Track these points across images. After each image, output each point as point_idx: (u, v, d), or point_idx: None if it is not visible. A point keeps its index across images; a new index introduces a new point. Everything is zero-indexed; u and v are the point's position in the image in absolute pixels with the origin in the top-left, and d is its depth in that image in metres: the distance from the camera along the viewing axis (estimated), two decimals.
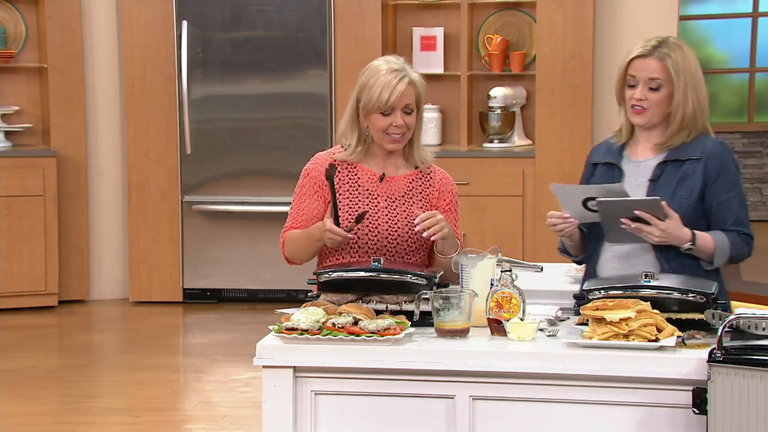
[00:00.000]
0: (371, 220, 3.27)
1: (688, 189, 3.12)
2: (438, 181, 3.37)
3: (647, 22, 6.49)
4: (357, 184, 3.31)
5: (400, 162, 3.36)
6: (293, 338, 2.83)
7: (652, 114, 3.16)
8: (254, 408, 4.68)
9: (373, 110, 3.25)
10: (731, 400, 2.56)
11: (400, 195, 3.32)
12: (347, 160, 3.33)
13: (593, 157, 3.31)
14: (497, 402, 2.78)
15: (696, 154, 3.14)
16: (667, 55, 3.13)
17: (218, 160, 6.67)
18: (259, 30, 6.58)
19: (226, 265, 6.69)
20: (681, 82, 3.13)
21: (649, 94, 3.14)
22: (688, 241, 3.05)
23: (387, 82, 3.23)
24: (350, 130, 3.33)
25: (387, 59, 3.33)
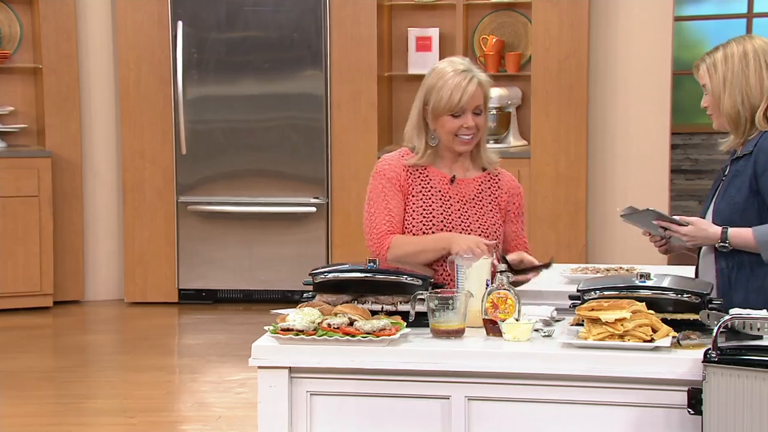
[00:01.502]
0: (445, 222, 3.26)
1: (737, 186, 3.11)
2: (506, 184, 3.35)
3: (642, 23, 6.50)
4: (429, 185, 3.29)
5: (468, 164, 3.34)
6: (289, 339, 2.83)
7: (717, 118, 3.17)
8: (250, 409, 4.68)
9: (443, 112, 3.22)
10: (726, 400, 2.56)
11: (470, 197, 3.30)
12: (418, 164, 3.30)
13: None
14: (493, 402, 2.78)
15: (748, 149, 3.12)
16: (704, 59, 3.17)
17: (213, 160, 6.66)
18: (254, 30, 6.58)
19: (222, 265, 6.69)
20: (717, 83, 3.13)
21: (707, 98, 3.18)
22: (718, 240, 3.06)
23: (457, 84, 3.21)
24: (417, 133, 3.30)
25: (452, 60, 3.30)
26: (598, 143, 6.59)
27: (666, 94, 6.55)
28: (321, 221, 6.61)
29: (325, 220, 6.61)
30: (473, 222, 3.27)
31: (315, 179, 6.59)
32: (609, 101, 6.58)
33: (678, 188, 9.27)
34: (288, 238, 6.63)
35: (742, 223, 3.07)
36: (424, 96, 3.26)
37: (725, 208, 3.10)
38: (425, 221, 3.25)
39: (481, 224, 3.28)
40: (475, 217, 3.28)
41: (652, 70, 6.52)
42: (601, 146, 6.60)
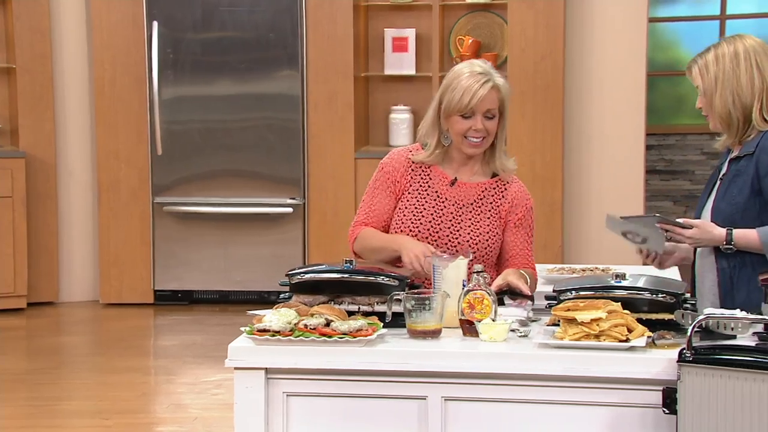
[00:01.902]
0: (434, 223, 3.25)
1: (738, 186, 3.11)
2: (512, 194, 3.31)
3: (617, 24, 6.53)
4: (428, 185, 3.29)
5: (478, 168, 3.31)
6: (265, 340, 2.82)
7: (712, 119, 3.16)
8: (226, 410, 4.67)
9: (453, 112, 3.21)
10: (701, 399, 2.58)
11: (469, 202, 3.28)
12: (425, 162, 3.30)
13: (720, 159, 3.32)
14: (469, 403, 2.79)
15: (750, 149, 3.12)
16: (694, 62, 3.15)
17: (189, 161, 6.64)
18: (230, 31, 6.56)
19: (198, 266, 6.67)
20: (709, 83, 3.12)
21: (702, 99, 3.16)
22: (723, 241, 3.06)
23: (470, 85, 3.19)
24: (431, 131, 3.29)
25: (472, 62, 3.28)
26: (573, 144, 6.62)
27: (641, 95, 6.59)
28: (297, 222, 6.60)
29: (301, 221, 6.60)
30: (465, 227, 3.26)
31: (291, 180, 6.58)
32: (584, 102, 6.60)
33: (653, 188, 9.32)
34: (264, 239, 6.62)
35: (742, 223, 3.07)
36: (440, 95, 3.26)
37: (726, 207, 3.10)
38: (414, 219, 3.25)
39: (473, 230, 3.26)
40: (468, 222, 3.26)
41: (627, 71, 6.55)
42: (577, 147, 6.63)
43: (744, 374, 2.53)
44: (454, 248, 3.23)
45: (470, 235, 3.25)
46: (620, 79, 6.57)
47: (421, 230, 3.24)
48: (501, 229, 3.29)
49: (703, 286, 3.18)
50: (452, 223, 3.25)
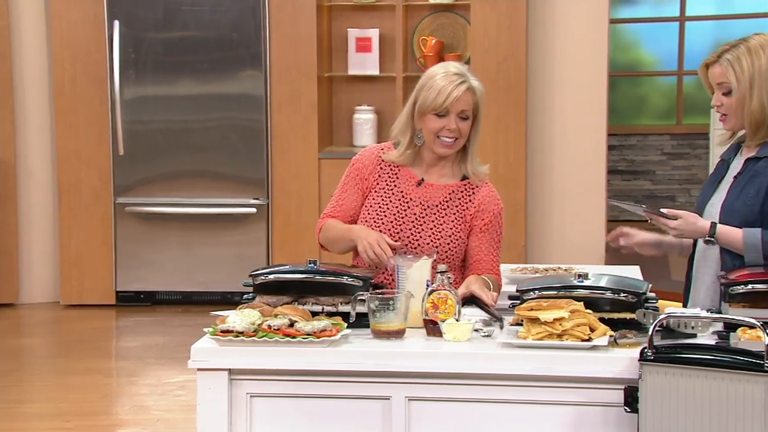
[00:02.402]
0: (396, 223, 3.25)
1: (755, 187, 3.11)
2: (480, 198, 3.31)
3: (578, 26, 6.57)
4: (395, 184, 3.29)
5: (447, 170, 3.32)
6: (228, 340, 2.81)
7: (733, 119, 3.16)
8: (188, 411, 4.65)
9: (428, 111, 3.22)
10: (661, 398, 2.60)
11: (434, 204, 3.28)
12: (395, 161, 3.31)
13: (723, 153, 3.32)
14: (433, 402, 2.79)
15: None
16: (729, 61, 3.13)
17: (152, 161, 6.61)
18: (193, 30, 6.53)
19: (160, 267, 6.63)
20: (745, 84, 3.11)
21: (724, 99, 3.16)
22: (706, 234, 3.07)
23: (445, 85, 3.21)
24: (404, 130, 3.30)
25: (447, 64, 3.30)
26: (536, 144, 6.65)
27: (602, 95, 6.63)
28: (261, 222, 6.58)
29: (265, 221, 6.58)
30: (427, 228, 3.26)
31: (255, 180, 6.57)
32: (547, 102, 6.64)
33: (615, 188, 9.39)
34: (228, 239, 6.60)
35: (756, 225, 3.07)
36: (415, 94, 3.27)
37: (741, 207, 3.10)
38: (377, 218, 3.26)
39: (435, 232, 3.26)
40: (431, 224, 3.26)
41: (589, 71, 6.60)
42: (540, 147, 6.66)
43: (704, 373, 2.56)
44: (415, 249, 3.23)
45: (432, 237, 3.25)
46: (582, 79, 6.61)
47: (383, 230, 3.25)
48: (466, 233, 3.29)
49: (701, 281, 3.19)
50: (414, 224, 3.26)
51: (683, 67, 9.44)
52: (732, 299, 2.85)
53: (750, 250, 3.06)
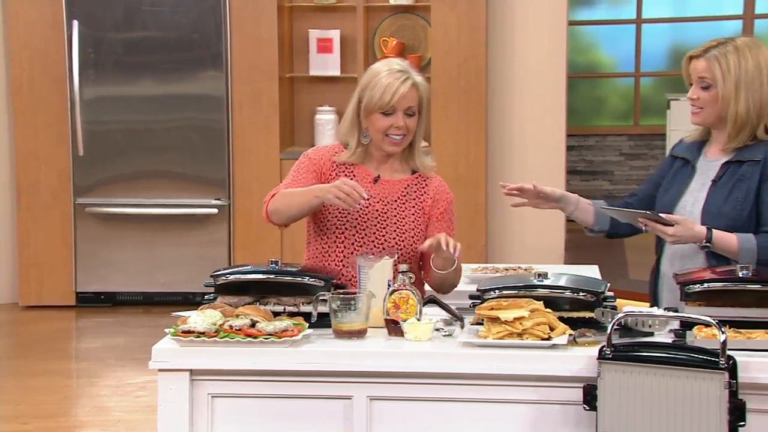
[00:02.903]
0: (361, 221, 3.24)
1: (743, 191, 3.12)
2: (433, 189, 3.33)
3: (538, 27, 6.62)
4: (353, 178, 3.27)
5: (398, 166, 3.33)
6: (189, 341, 2.81)
7: (706, 114, 3.17)
8: (149, 412, 4.63)
9: (374, 110, 3.22)
10: (619, 395, 2.63)
11: (393, 199, 3.29)
12: (347, 161, 3.30)
13: (675, 151, 3.32)
14: (394, 402, 2.81)
15: (757, 156, 3.14)
16: (716, 57, 3.13)
17: (112, 161, 6.57)
18: (153, 31, 6.51)
19: (121, 268, 6.60)
20: (731, 84, 3.12)
21: (701, 93, 3.16)
22: (703, 239, 3.07)
23: (390, 83, 3.21)
24: (350, 130, 3.28)
25: (389, 62, 3.29)
26: (496, 145, 6.69)
27: (561, 96, 6.68)
28: (223, 223, 6.57)
29: (226, 222, 6.57)
30: (391, 224, 3.27)
31: (216, 180, 6.55)
32: (507, 103, 6.68)
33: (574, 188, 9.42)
34: (189, 240, 6.58)
35: (744, 228, 3.09)
36: (359, 94, 3.26)
37: (730, 211, 3.11)
38: (341, 217, 3.24)
39: (399, 226, 3.27)
40: (394, 219, 3.27)
41: (548, 73, 6.65)
42: (500, 148, 6.71)
43: (661, 371, 2.60)
44: (381, 246, 3.24)
45: (397, 232, 3.27)
46: (541, 81, 6.66)
47: (348, 227, 3.25)
48: (425, 225, 3.31)
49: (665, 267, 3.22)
50: (378, 220, 3.27)
51: (640, 69, 9.53)
52: (688, 298, 2.89)
53: (745, 255, 3.07)
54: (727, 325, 2.72)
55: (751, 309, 2.83)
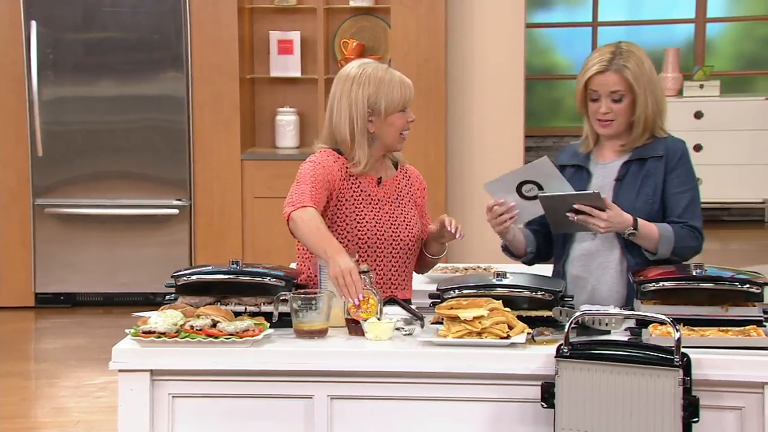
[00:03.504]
0: (378, 225, 3.24)
1: (652, 186, 3.20)
2: (415, 179, 3.40)
3: (496, 30, 6.67)
4: (360, 189, 3.25)
5: (387, 163, 3.36)
6: (150, 341, 2.82)
7: (618, 124, 3.23)
8: (110, 413, 4.61)
9: (396, 109, 3.24)
10: (576, 393, 2.67)
11: (395, 197, 3.31)
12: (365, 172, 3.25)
13: (560, 160, 3.37)
14: (355, 401, 2.83)
15: (659, 152, 3.23)
16: (624, 66, 3.20)
17: (71, 162, 6.54)
18: (113, 31, 6.48)
19: (81, 268, 6.56)
20: (641, 89, 3.20)
21: (613, 105, 3.21)
22: (630, 226, 3.12)
23: (400, 78, 3.26)
24: (360, 141, 3.21)
25: (365, 62, 3.28)
26: (456, 146, 6.73)
27: (519, 98, 6.74)
28: (184, 223, 6.56)
29: (187, 222, 6.56)
30: (401, 221, 3.29)
31: (177, 181, 6.54)
32: (466, 105, 6.73)
33: None
34: (150, 240, 6.56)
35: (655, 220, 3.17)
36: (368, 101, 3.20)
37: (643, 206, 3.18)
38: (359, 226, 3.23)
39: (408, 222, 3.30)
40: (401, 217, 3.30)
41: (506, 74, 6.70)
42: (459, 148, 6.75)
43: (617, 368, 2.64)
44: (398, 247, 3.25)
45: (408, 227, 3.30)
46: (500, 82, 6.71)
47: (370, 235, 3.22)
48: (420, 215, 3.37)
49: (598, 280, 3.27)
50: (390, 220, 3.28)
51: None
52: (644, 296, 2.94)
53: (664, 243, 3.15)
54: (681, 323, 2.76)
55: (704, 307, 2.89)
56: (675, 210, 3.20)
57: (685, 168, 3.24)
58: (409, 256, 3.29)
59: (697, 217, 3.21)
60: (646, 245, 3.17)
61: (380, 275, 3.22)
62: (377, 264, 3.22)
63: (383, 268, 3.23)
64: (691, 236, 3.19)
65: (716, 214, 8.95)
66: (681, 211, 3.20)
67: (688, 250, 3.19)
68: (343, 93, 3.23)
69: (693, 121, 8.60)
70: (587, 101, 3.26)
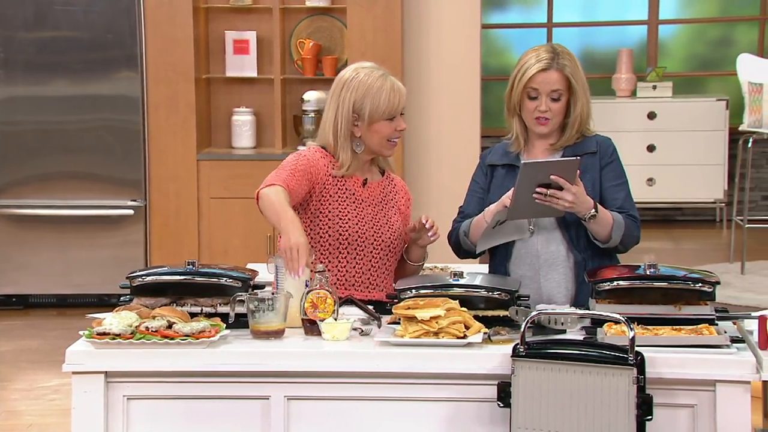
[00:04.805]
0: (359, 225, 3.25)
1: (590, 181, 3.25)
2: (401, 188, 3.43)
3: (452, 30, 6.70)
4: (344, 188, 3.28)
5: (375, 168, 3.38)
6: (105, 343, 2.80)
7: (554, 123, 3.28)
8: (63, 415, 4.57)
9: (381, 117, 3.23)
10: (532, 392, 2.69)
11: (379, 200, 3.33)
12: (346, 174, 3.28)
13: (490, 159, 3.40)
14: (312, 401, 2.83)
15: (591, 148, 3.28)
16: (565, 65, 3.24)
17: (24, 162, 6.47)
18: (65, 30, 6.42)
19: (34, 270, 6.49)
20: (580, 89, 3.25)
21: (552, 104, 3.25)
22: (592, 208, 3.15)
23: (391, 87, 3.24)
24: (342, 145, 3.25)
25: (362, 67, 3.29)
26: (413, 145, 6.75)
27: (476, 98, 6.77)
28: (139, 224, 6.51)
29: (143, 223, 6.51)
30: (383, 224, 3.31)
31: (132, 181, 6.49)
32: (423, 105, 6.74)
33: None
34: (104, 241, 6.50)
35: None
36: (354, 106, 3.23)
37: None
38: (341, 222, 3.25)
39: (390, 226, 3.33)
40: (384, 219, 3.32)
41: (463, 75, 6.72)
42: (416, 148, 6.76)
43: (573, 367, 2.66)
44: (379, 248, 3.27)
45: (390, 230, 3.32)
46: (456, 83, 6.73)
47: (351, 233, 3.25)
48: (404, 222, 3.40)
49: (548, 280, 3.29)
50: (373, 222, 3.30)
51: None
52: (599, 296, 2.96)
53: (617, 229, 3.20)
54: (636, 322, 2.79)
55: (658, 306, 2.92)
56: (613, 202, 3.26)
57: (617, 162, 3.32)
58: (389, 257, 3.31)
59: (634, 208, 3.29)
60: (601, 231, 3.20)
61: (359, 274, 3.25)
62: (357, 263, 3.25)
63: (362, 267, 3.27)
64: (634, 226, 3.26)
65: (669, 214, 9.04)
66: (620, 203, 3.26)
67: (632, 238, 3.26)
68: (333, 95, 3.28)
69: (646, 122, 8.68)
70: (523, 99, 3.27)
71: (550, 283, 3.26)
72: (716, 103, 8.61)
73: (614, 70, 8.95)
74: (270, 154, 6.46)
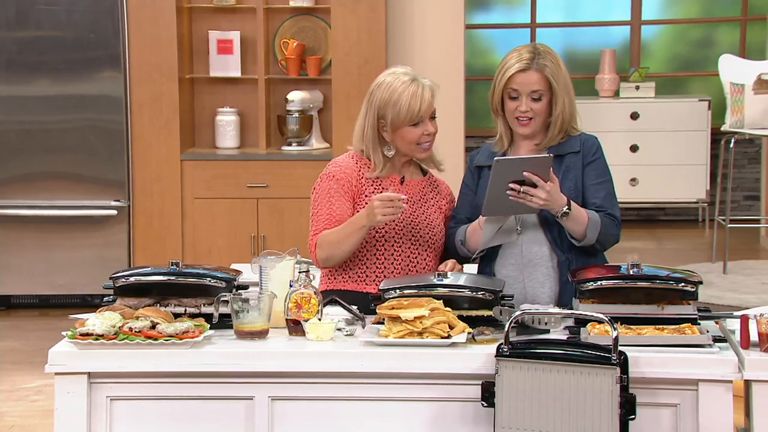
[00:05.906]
0: (396, 222, 3.27)
1: (573, 180, 3.26)
2: (444, 189, 3.45)
3: (436, 30, 6.70)
4: (381, 188, 3.30)
5: (414, 168, 3.39)
6: (88, 344, 2.79)
7: (536, 123, 3.28)
8: (46, 417, 4.55)
9: (403, 123, 3.25)
10: (516, 391, 2.70)
11: (417, 199, 3.35)
12: (379, 176, 3.31)
13: (477, 160, 3.40)
14: (296, 402, 2.83)
15: (575, 148, 3.29)
16: (545, 66, 3.25)
17: (6, 163, 6.44)
18: (48, 30, 6.40)
19: (16, 270, 6.47)
20: (560, 89, 3.26)
21: (532, 104, 3.25)
22: (565, 205, 3.15)
23: (413, 93, 3.25)
24: (372, 148, 3.30)
25: (394, 72, 3.31)
26: None
27: (460, 98, 6.78)
28: (122, 224, 6.49)
29: (126, 223, 6.50)
30: (422, 222, 3.32)
31: (115, 182, 6.47)
32: None
33: None
34: (88, 242, 6.48)
35: None
36: (378, 112, 3.27)
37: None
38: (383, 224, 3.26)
39: (429, 225, 3.34)
40: (423, 218, 3.33)
41: (447, 76, 6.73)
42: None
43: (556, 367, 2.67)
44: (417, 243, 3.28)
45: (428, 229, 3.33)
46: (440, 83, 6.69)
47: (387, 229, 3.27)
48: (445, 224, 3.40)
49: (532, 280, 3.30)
50: (411, 220, 3.31)
51: None
52: (582, 296, 2.97)
53: (592, 228, 3.21)
54: (619, 322, 2.80)
55: (641, 306, 2.93)
56: (594, 200, 3.27)
57: (601, 161, 3.32)
58: (428, 254, 3.32)
59: (615, 207, 3.30)
60: (576, 229, 3.21)
61: (398, 270, 3.27)
62: (395, 258, 3.27)
63: (401, 262, 3.28)
64: (612, 224, 3.26)
65: (652, 214, 9.08)
66: (600, 201, 3.27)
67: (610, 237, 3.26)
68: (365, 99, 3.35)
69: (629, 122, 8.71)
70: (504, 100, 3.29)
71: (534, 283, 3.26)
72: (698, 104, 8.64)
73: (597, 71, 8.98)
74: (254, 154, 6.45)
